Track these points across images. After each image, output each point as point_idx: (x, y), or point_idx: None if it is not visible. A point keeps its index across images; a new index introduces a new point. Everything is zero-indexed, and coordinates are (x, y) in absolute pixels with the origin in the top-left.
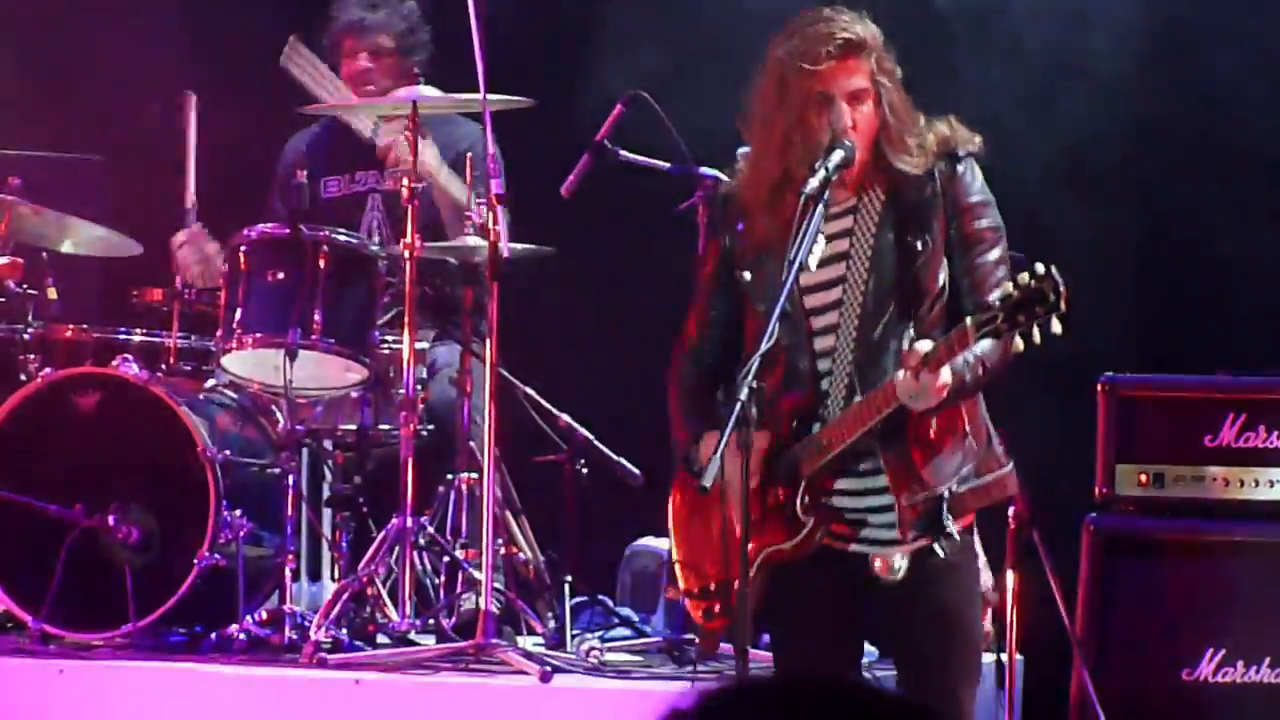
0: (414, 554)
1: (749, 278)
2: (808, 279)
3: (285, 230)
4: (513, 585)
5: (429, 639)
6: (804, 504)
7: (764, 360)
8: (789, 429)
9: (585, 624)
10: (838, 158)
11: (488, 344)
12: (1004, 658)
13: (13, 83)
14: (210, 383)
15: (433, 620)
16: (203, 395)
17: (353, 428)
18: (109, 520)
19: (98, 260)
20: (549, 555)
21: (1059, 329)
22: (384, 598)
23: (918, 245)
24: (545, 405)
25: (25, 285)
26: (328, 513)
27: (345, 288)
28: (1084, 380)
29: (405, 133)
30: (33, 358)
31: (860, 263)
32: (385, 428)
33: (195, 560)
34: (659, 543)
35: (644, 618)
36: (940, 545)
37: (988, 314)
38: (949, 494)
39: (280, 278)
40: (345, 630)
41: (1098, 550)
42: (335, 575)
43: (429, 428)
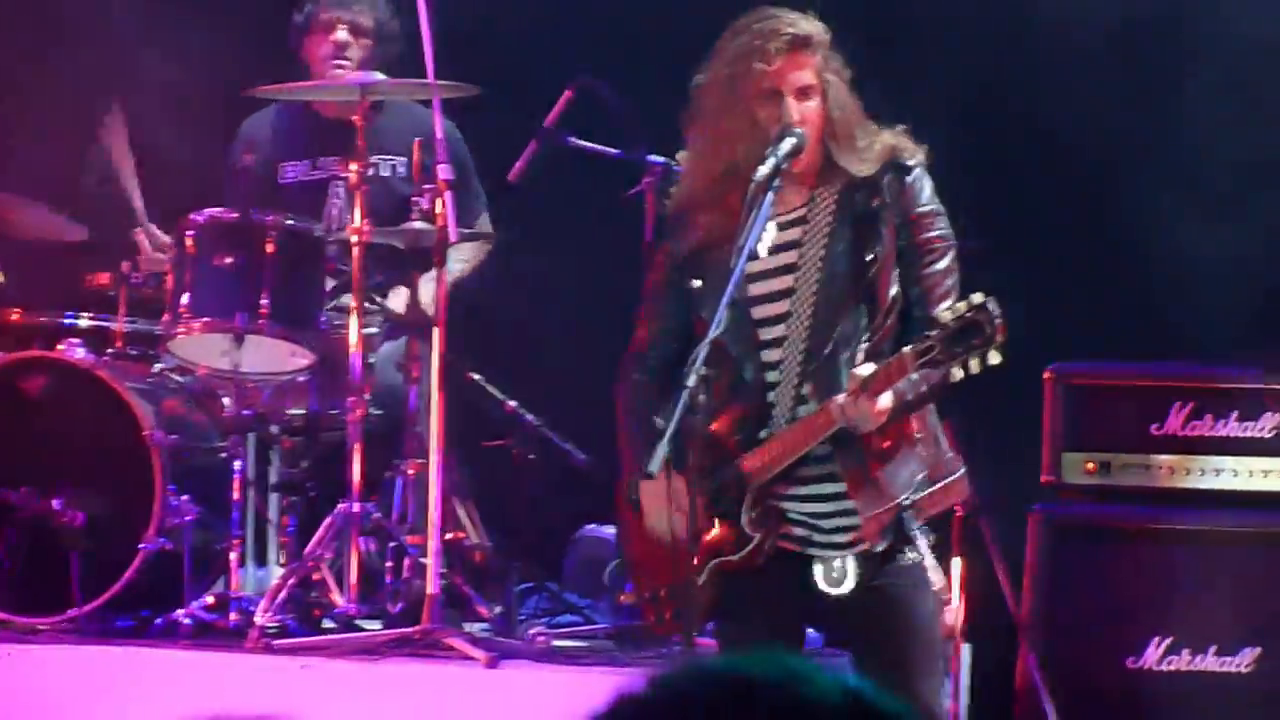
0: (361, 539)
1: (698, 285)
2: (757, 289)
3: (233, 214)
4: (460, 571)
5: (375, 624)
6: (751, 516)
7: (712, 350)
8: (735, 440)
9: (532, 610)
10: (788, 145)
11: (435, 329)
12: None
13: None
14: (158, 367)
15: (379, 605)
16: (150, 379)
17: (300, 412)
18: (55, 504)
19: (45, 244)
20: (496, 541)
21: (997, 360)
22: (330, 583)
23: (868, 257)
24: (492, 391)
25: None
26: (274, 497)
27: (293, 272)
28: (1032, 367)
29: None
30: None
31: (810, 273)
32: (333, 413)
33: (141, 545)
34: (606, 529)
35: (591, 604)
36: (909, 553)
37: (925, 344)
38: (909, 501)
39: (228, 262)
40: (291, 615)
41: (1044, 538)
42: (281, 560)
43: (377, 413)
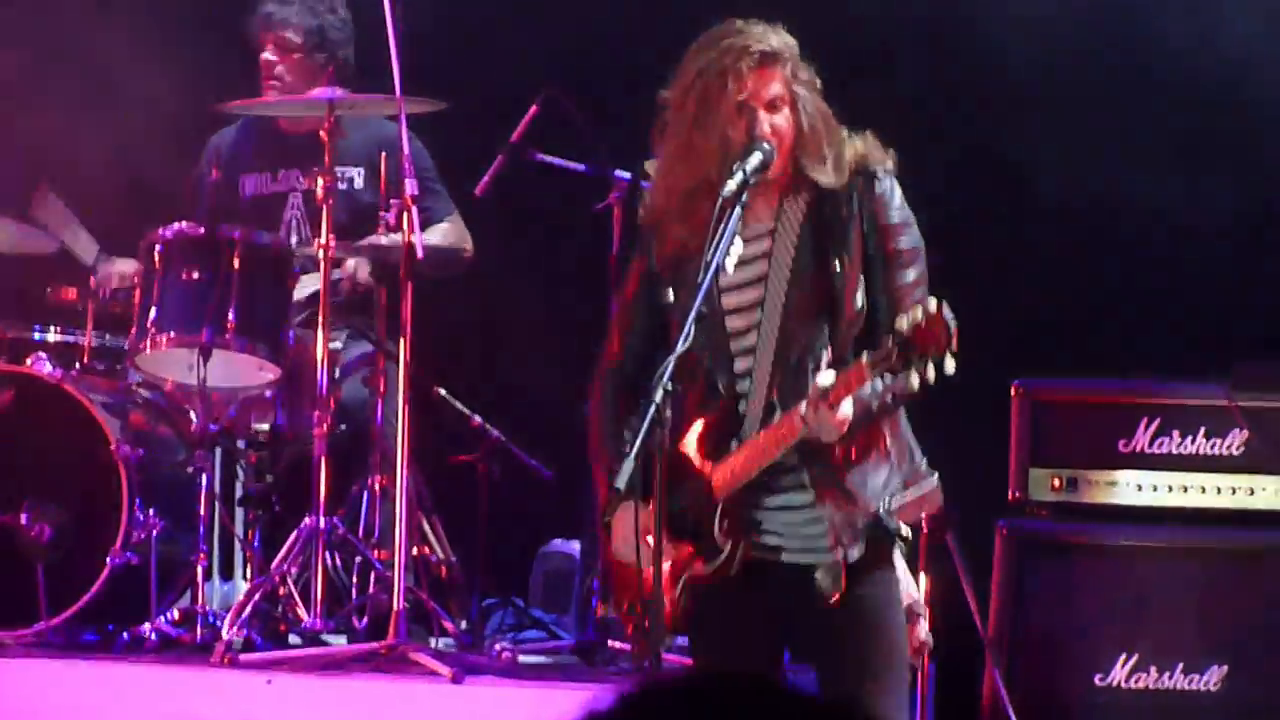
0: (326, 554)
1: (672, 298)
2: (729, 301)
3: (199, 229)
4: (425, 586)
5: (341, 639)
6: (721, 527)
7: (680, 365)
8: (704, 450)
9: (497, 625)
10: (756, 159)
11: (401, 344)
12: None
13: None
14: (124, 381)
15: (345, 620)
16: (116, 393)
17: (266, 427)
18: (21, 518)
19: (12, 258)
20: (461, 556)
21: (952, 368)
22: (296, 597)
23: (835, 265)
24: (458, 406)
25: None
26: (240, 512)
27: (259, 286)
28: (998, 383)
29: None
30: None
31: (779, 283)
32: (299, 427)
33: (108, 558)
34: (571, 544)
35: (556, 619)
36: (883, 560)
37: (882, 352)
38: (881, 508)
39: (194, 276)
40: (257, 630)
41: (1011, 554)
42: (247, 574)
43: (342, 427)
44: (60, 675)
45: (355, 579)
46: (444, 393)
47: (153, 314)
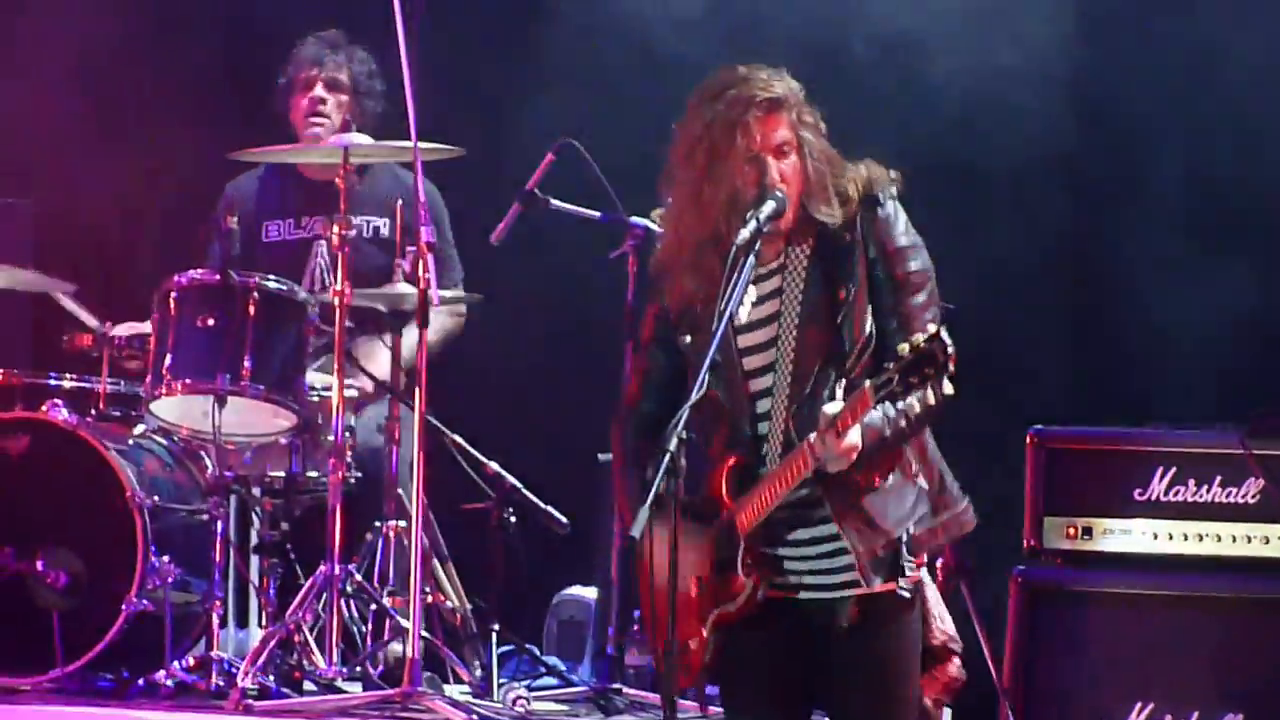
0: (341, 601)
1: (689, 340)
2: (744, 342)
3: (215, 276)
4: (440, 633)
5: (356, 686)
6: (745, 564)
7: (699, 415)
8: (731, 490)
9: (512, 672)
10: (769, 208)
11: (416, 391)
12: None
13: None
14: (139, 428)
15: (360, 668)
16: (132, 441)
17: (281, 474)
18: (37, 564)
19: (28, 304)
20: (476, 603)
21: (950, 389)
22: (311, 645)
23: (842, 294)
24: (473, 453)
25: None
26: (255, 559)
27: (275, 334)
28: (1013, 431)
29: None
30: None
31: (790, 320)
32: (314, 475)
33: (123, 605)
34: (586, 592)
35: (571, 666)
36: (902, 587)
37: (883, 377)
38: (907, 536)
39: (210, 324)
40: (272, 677)
41: (1025, 602)
42: (262, 622)
43: (357, 475)
44: None
45: (370, 626)
46: (459, 440)
47: (168, 361)
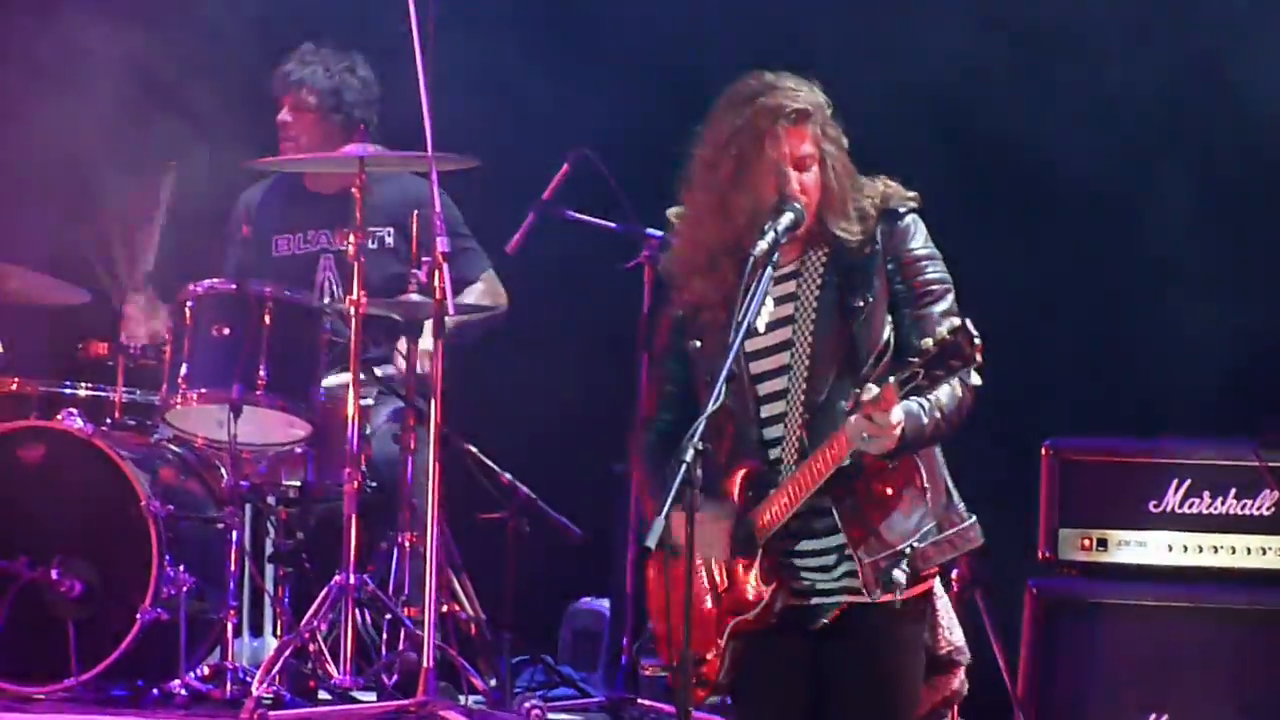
0: (356, 611)
1: (698, 345)
2: (754, 345)
3: (230, 285)
4: (454, 643)
5: (370, 696)
6: (763, 571)
7: (710, 424)
8: (744, 499)
9: (527, 682)
10: (787, 220)
11: (432, 401)
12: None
13: None
14: (155, 437)
15: (374, 677)
16: (147, 449)
17: (296, 483)
18: (52, 573)
19: (44, 314)
20: (491, 613)
21: (978, 381)
22: (326, 654)
23: (858, 302)
24: (488, 463)
25: None
26: (270, 568)
27: (290, 343)
28: (1028, 443)
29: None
30: None
31: (805, 326)
32: (329, 484)
33: (138, 614)
34: (600, 602)
35: (585, 677)
36: (896, 602)
37: (908, 371)
38: (911, 550)
39: (225, 333)
40: (287, 686)
41: (1040, 613)
42: (277, 631)
43: (372, 484)
44: None
45: (385, 636)
46: (474, 450)
47: (183, 370)
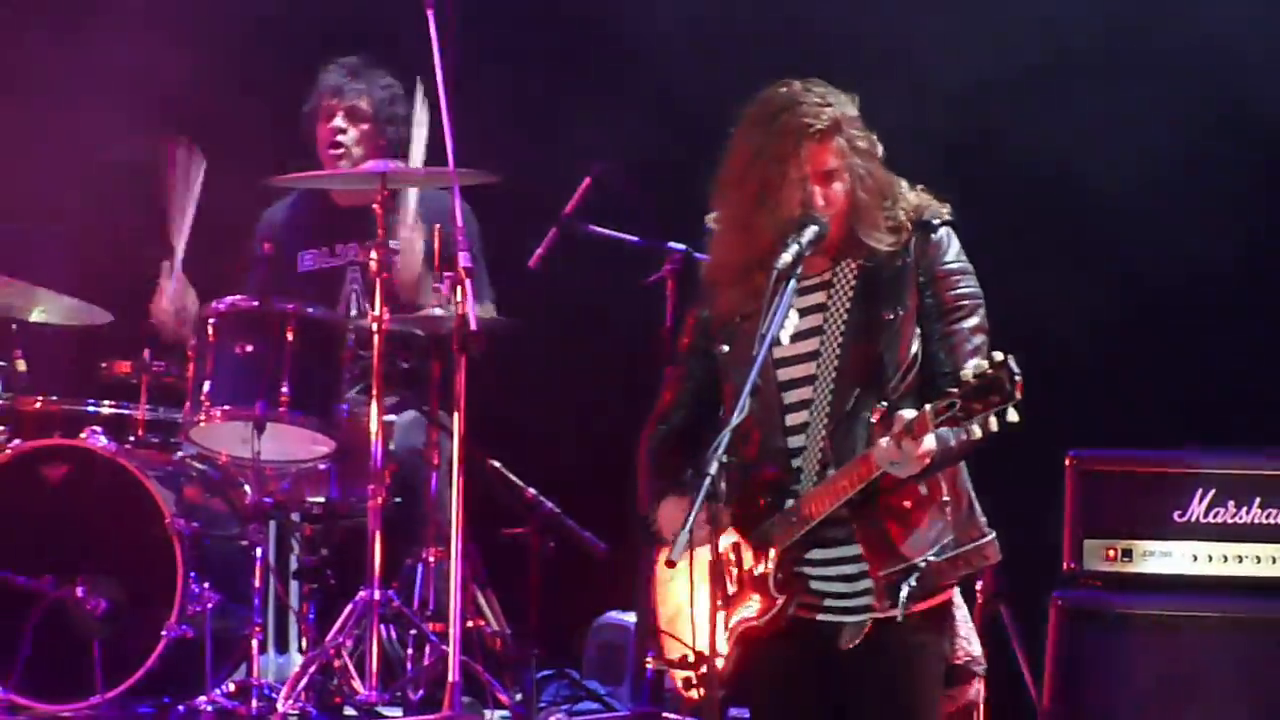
0: (381, 626)
1: (726, 350)
2: (781, 352)
3: (253, 302)
4: (480, 658)
5: (396, 711)
6: (777, 579)
7: (735, 435)
8: (764, 504)
9: (552, 697)
10: (810, 233)
11: (455, 417)
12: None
13: None
14: (178, 454)
15: (400, 692)
16: (171, 467)
17: (320, 500)
18: (77, 591)
19: (67, 332)
20: (516, 628)
21: (1015, 418)
22: (351, 670)
23: (889, 315)
24: (512, 478)
25: None
26: (295, 584)
27: (313, 360)
28: (1052, 454)
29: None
30: (2, 429)
31: (834, 337)
32: (353, 500)
33: (163, 632)
34: (626, 616)
35: (610, 690)
36: (900, 617)
37: (945, 401)
38: (925, 564)
39: (248, 350)
40: (313, 702)
41: (1065, 624)
42: (303, 647)
43: (396, 500)
44: None
45: (410, 651)
46: (498, 465)
47: (206, 387)
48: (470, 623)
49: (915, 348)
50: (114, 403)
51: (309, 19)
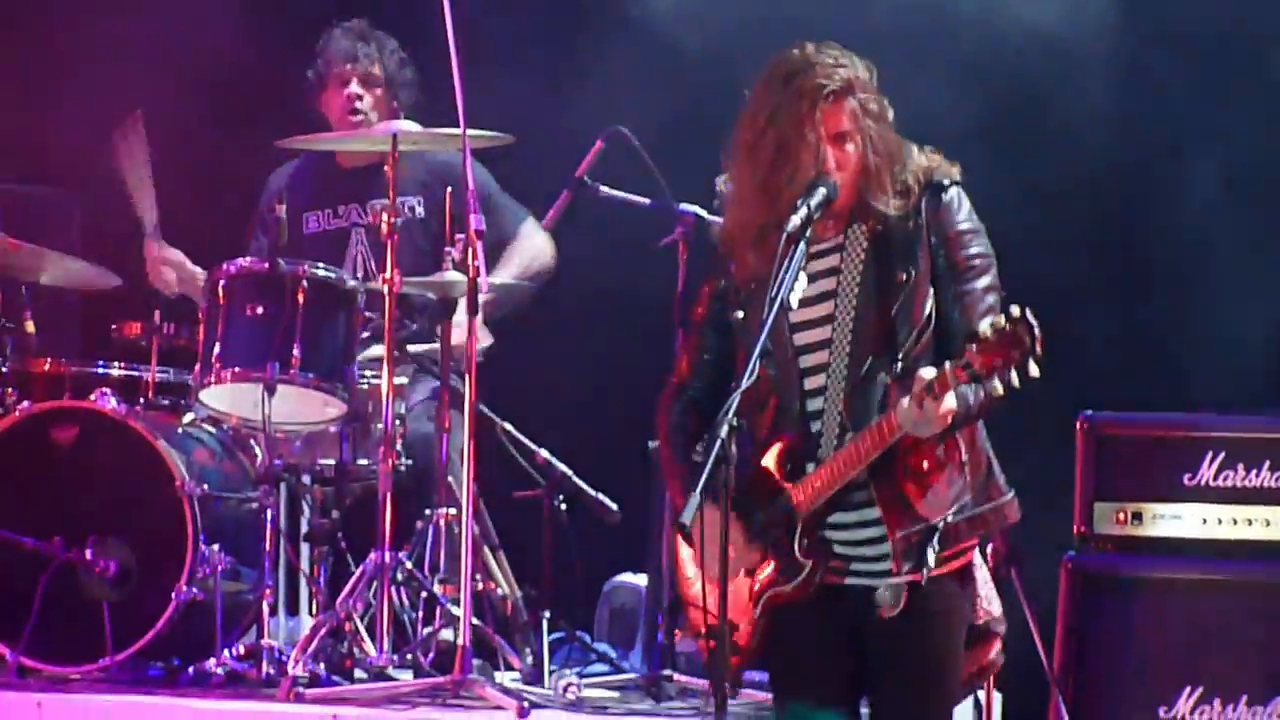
0: (392, 589)
1: (741, 317)
2: (797, 317)
3: (264, 264)
4: (491, 621)
5: (407, 674)
6: (802, 546)
7: (746, 398)
8: (783, 470)
9: (563, 660)
10: (819, 196)
11: (466, 379)
12: (982, 695)
13: None
14: (189, 417)
15: (410, 655)
16: (181, 429)
17: (331, 462)
18: (87, 554)
19: (76, 294)
20: (527, 591)
21: (1036, 372)
22: (362, 633)
23: (902, 276)
24: (524, 441)
25: (3, 319)
26: (306, 547)
27: (324, 322)
28: (1063, 417)
29: (386, 168)
30: (11, 392)
31: (848, 299)
32: (364, 463)
33: (173, 594)
34: (637, 579)
35: (621, 653)
36: (924, 579)
37: (964, 359)
38: (943, 524)
39: (259, 312)
40: (323, 665)
41: (1076, 588)
42: (313, 610)
43: (407, 463)
44: (126, 711)
45: (421, 614)
46: (509, 428)
47: (217, 349)
48: (481, 586)
49: (929, 308)
50: (124, 365)
51: None
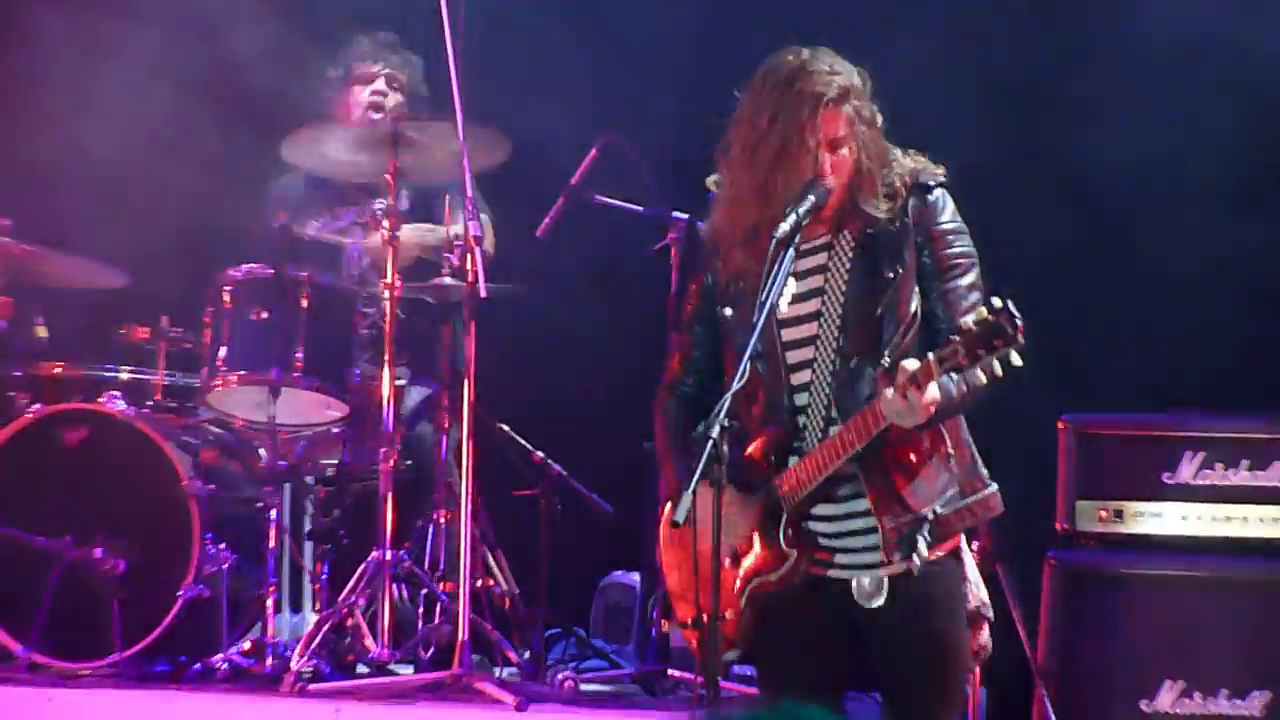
0: (393, 586)
1: (730, 314)
2: (784, 314)
3: (269, 270)
4: (489, 617)
5: (407, 669)
6: (787, 536)
7: (738, 398)
8: (768, 463)
9: (559, 655)
10: (810, 202)
11: (465, 381)
12: (968, 689)
13: None
14: (195, 419)
15: (411, 651)
16: (187, 431)
17: (333, 463)
18: (96, 552)
19: (85, 298)
20: (524, 588)
21: (1018, 361)
22: (364, 629)
23: (888, 274)
24: (521, 441)
25: (16, 324)
26: (309, 545)
27: (326, 326)
28: (1046, 416)
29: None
30: (22, 394)
31: (834, 297)
32: (365, 463)
33: (180, 592)
34: (631, 576)
35: (617, 649)
36: (916, 568)
37: (948, 349)
38: (933, 516)
39: (264, 316)
40: (326, 660)
41: (1059, 584)
42: (316, 607)
43: (407, 463)
44: (133, 705)
45: (421, 610)
46: (506, 429)
47: (223, 353)
48: (480, 583)
49: (915, 306)
50: (132, 368)
51: None
